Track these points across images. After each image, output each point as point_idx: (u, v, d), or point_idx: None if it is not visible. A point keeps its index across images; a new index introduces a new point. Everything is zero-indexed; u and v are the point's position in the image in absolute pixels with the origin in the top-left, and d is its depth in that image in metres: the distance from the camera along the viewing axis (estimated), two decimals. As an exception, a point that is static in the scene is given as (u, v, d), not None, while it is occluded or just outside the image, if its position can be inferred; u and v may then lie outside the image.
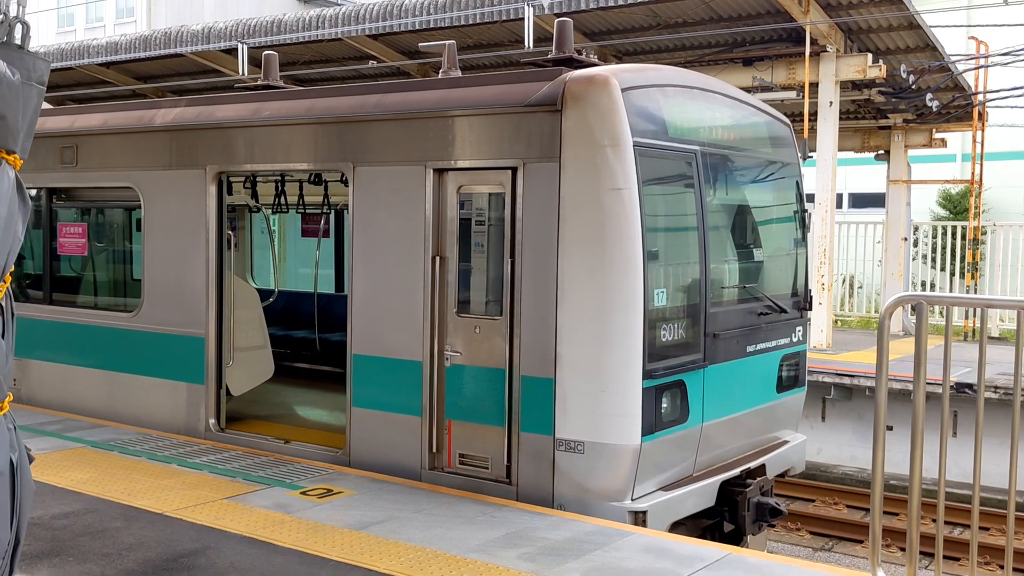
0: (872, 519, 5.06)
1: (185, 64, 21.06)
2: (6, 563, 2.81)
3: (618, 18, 16.31)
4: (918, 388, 4.93)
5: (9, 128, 2.62)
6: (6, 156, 2.65)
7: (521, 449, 7.05)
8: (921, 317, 4.83)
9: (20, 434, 2.86)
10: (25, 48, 2.71)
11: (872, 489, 5.09)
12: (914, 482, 4.96)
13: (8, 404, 2.79)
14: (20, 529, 2.85)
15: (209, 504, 6.68)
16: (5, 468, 2.72)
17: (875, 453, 5.05)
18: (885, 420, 4.99)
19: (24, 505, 2.85)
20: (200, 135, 8.72)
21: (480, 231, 7.43)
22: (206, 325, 8.68)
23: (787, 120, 9.00)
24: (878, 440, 5.02)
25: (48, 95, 22.58)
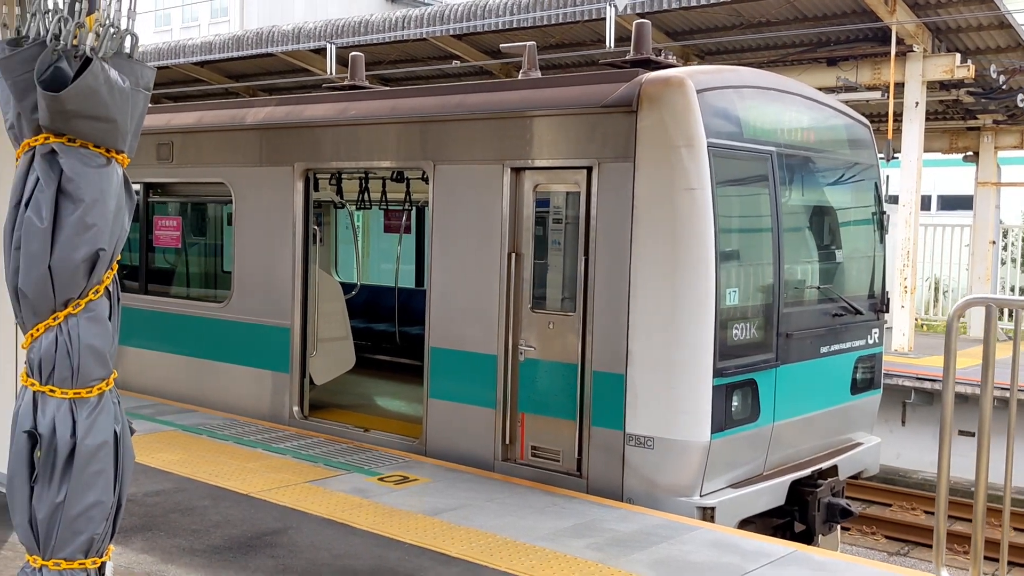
0: (937, 521, 5.09)
1: (276, 63, 21.64)
2: (109, 524, 3.09)
3: (700, 18, 16.30)
4: (985, 392, 4.95)
5: (119, 130, 2.89)
6: (116, 155, 2.91)
7: (592, 443, 7.20)
8: (989, 321, 4.85)
9: (122, 408, 3.13)
10: (134, 57, 2.97)
11: (937, 491, 5.13)
12: (979, 486, 4.98)
13: (113, 380, 3.05)
14: (122, 494, 3.12)
15: (291, 487, 6.99)
16: (110, 438, 2.99)
17: (940, 455, 5.08)
18: (952, 424, 5.02)
19: (126, 473, 3.12)
20: (289, 133, 9.06)
21: (555, 229, 7.60)
22: (291, 316, 9.02)
23: (866, 121, 8.96)
24: (944, 443, 5.05)
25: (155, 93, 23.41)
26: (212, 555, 5.55)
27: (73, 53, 2.81)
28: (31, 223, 2.82)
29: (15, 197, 2.87)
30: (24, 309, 2.94)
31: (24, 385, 3.00)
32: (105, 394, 3.00)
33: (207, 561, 5.46)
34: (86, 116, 2.81)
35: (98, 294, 2.93)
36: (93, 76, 2.77)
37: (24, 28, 2.83)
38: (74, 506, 2.93)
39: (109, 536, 3.11)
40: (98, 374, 2.99)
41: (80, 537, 2.98)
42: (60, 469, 2.92)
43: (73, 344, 2.89)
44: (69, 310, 2.91)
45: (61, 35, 2.81)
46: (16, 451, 2.98)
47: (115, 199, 2.90)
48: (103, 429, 2.98)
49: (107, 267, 2.94)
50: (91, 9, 2.85)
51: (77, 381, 2.94)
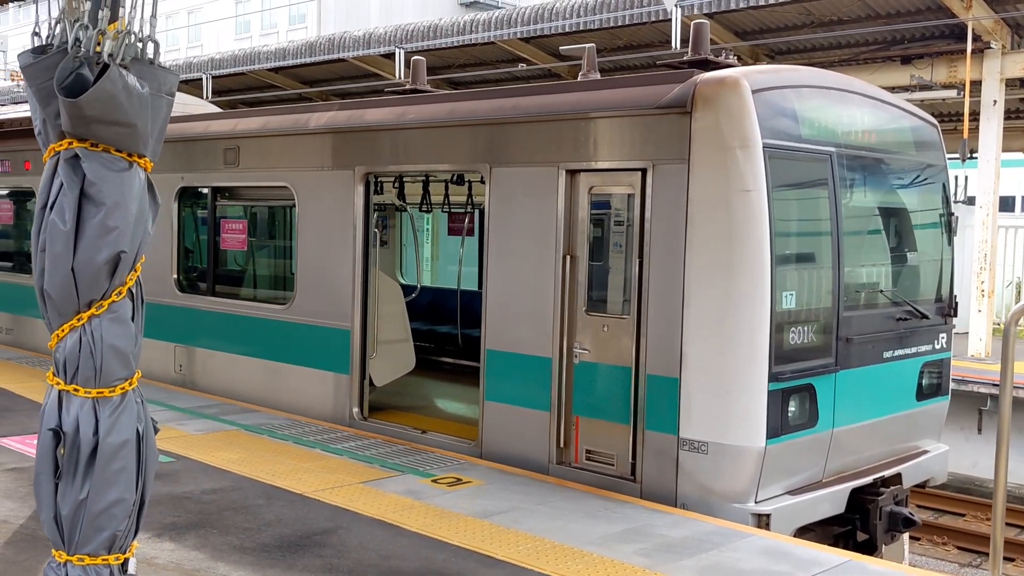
0: (993, 529, 4.94)
1: (347, 68, 21.96)
2: (132, 521, 3.16)
3: (770, 17, 16.06)
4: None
5: (139, 135, 2.96)
6: (138, 159, 2.98)
7: (646, 447, 7.14)
8: (1049, 325, 4.68)
9: (147, 407, 3.21)
10: (156, 63, 3.04)
11: (994, 499, 4.97)
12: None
13: (136, 380, 3.13)
14: (145, 492, 3.19)
15: (345, 487, 7.06)
16: (132, 436, 3.07)
17: (998, 462, 4.92)
18: (1009, 428, 4.86)
19: (149, 471, 3.19)
20: (349, 137, 9.17)
21: (610, 231, 7.56)
22: (352, 318, 9.13)
23: (934, 121, 8.73)
24: (1001, 449, 4.90)
25: (222, 99, 23.98)
26: (261, 553, 5.64)
27: (94, 60, 2.89)
28: (55, 226, 2.90)
29: (41, 201, 2.96)
30: (50, 310, 3.03)
31: (50, 384, 3.09)
32: (128, 393, 3.08)
33: (256, 559, 5.54)
34: (105, 121, 2.89)
35: (121, 295, 3.00)
36: (111, 82, 2.83)
37: (50, 36, 2.92)
38: (97, 503, 3.00)
39: (133, 533, 3.18)
40: (121, 374, 3.07)
41: (103, 533, 3.06)
42: (83, 467, 3.00)
43: (96, 344, 2.97)
44: (92, 311, 2.99)
45: (82, 42, 2.88)
46: (42, 449, 3.07)
47: (137, 202, 2.97)
48: (125, 428, 3.05)
49: (130, 269, 3.01)
50: (113, 17, 2.93)
51: (100, 380, 3.02)
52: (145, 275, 3.16)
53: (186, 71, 24.31)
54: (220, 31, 56.33)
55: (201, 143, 10.81)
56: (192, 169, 10.94)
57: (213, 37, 56.19)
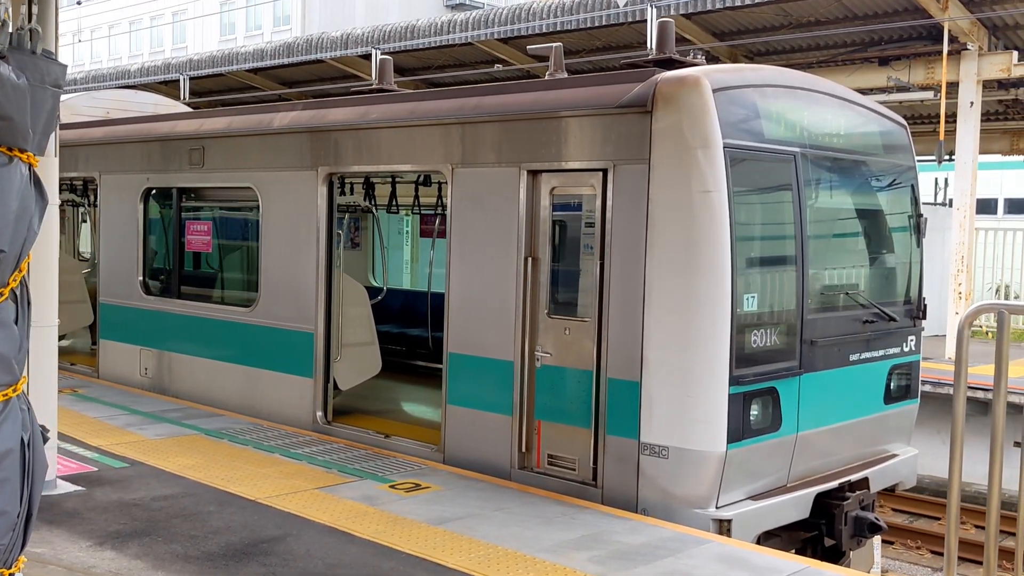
0: (948, 532, 4.84)
1: (326, 70, 21.81)
2: (18, 534, 3.02)
3: (747, 18, 15.99)
4: (998, 400, 4.68)
5: (17, 128, 2.82)
6: (19, 154, 2.85)
7: (607, 452, 7.03)
8: (1002, 327, 4.58)
9: (34, 414, 3.07)
10: (38, 53, 2.91)
11: (948, 501, 4.87)
12: (992, 496, 4.72)
13: (22, 386, 3.00)
14: (32, 503, 3.06)
15: (300, 493, 6.93)
16: (16, 445, 2.93)
17: (951, 465, 4.82)
18: (963, 428, 4.78)
19: (36, 481, 3.06)
20: (312, 138, 9.05)
21: (572, 233, 7.45)
22: (315, 321, 9.00)
23: (903, 122, 8.64)
24: (955, 452, 4.80)
25: (201, 100, 23.82)
26: (204, 562, 5.50)
27: (-31, 50, 2.76)
28: (-70, 222, 2.76)
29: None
30: (-73, 312, 2.89)
31: (-72, 391, 2.95)
32: (12, 401, 2.94)
33: (198, 568, 5.41)
34: (-23, 114, 2.75)
35: (2, 297, 2.87)
36: None
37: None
38: (-24, 516, 2.87)
39: (19, 547, 3.04)
40: (3, 380, 2.93)
41: (-18, 549, 2.92)
42: (-38, 478, 2.86)
43: (-25, 349, 2.83)
44: (-31, 314, 2.85)
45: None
46: (-81, 460, 2.93)
47: (18, 199, 2.83)
48: (8, 437, 2.91)
49: (12, 269, 2.88)
50: (-8, 5, 2.79)
51: (-21, 387, 2.88)
52: (111, 277, 3.03)
53: (163, 72, 24.14)
54: (205, 33, 56.11)
55: (167, 143, 10.67)
56: (158, 170, 10.79)
57: (198, 38, 55.96)
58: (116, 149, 11.42)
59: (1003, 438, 4.79)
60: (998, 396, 4.82)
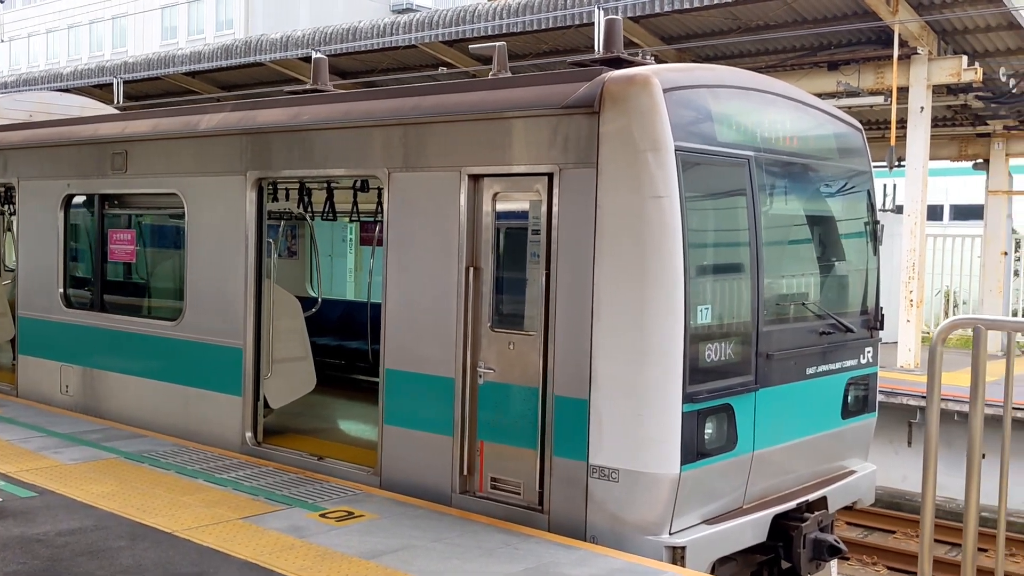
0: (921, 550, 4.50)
1: (266, 73, 21.22)
2: None
3: (696, 21, 15.74)
4: (975, 414, 4.34)
5: None
6: None
7: (553, 475, 6.59)
8: (978, 342, 4.24)
9: None
10: None
11: (921, 517, 4.53)
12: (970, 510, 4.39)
13: None
14: None
15: (223, 524, 6.40)
16: None
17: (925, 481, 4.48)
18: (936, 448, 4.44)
19: None
20: (241, 140, 8.52)
21: (516, 241, 7.01)
22: (244, 335, 8.46)
23: (859, 126, 8.33)
24: (928, 468, 4.46)
25: (136, 104, 23.05)
26: (106, 608, 4.97)
27: None
28: None
29: None
30: None
31: None
32: None
33: (99, 616, 4.88)
34: None
35: None
36: None
37: None
38: None
39: None
40: None
41: None
42: None
43: None
44: None
45: None
46: None
47: None
48: None
49: None
50: None
51: None
52: (30, 289, 2.52)
53: (97, 75, 23.34)
54: (146, 36, 54.94)
55: (88, 147, 10.06)
56: (79, 175, 10.17)
57: (139, 42, 54.74)
58: (35, 153, 10.77)
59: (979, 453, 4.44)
60: (975, 412, 4.48)
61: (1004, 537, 4.68)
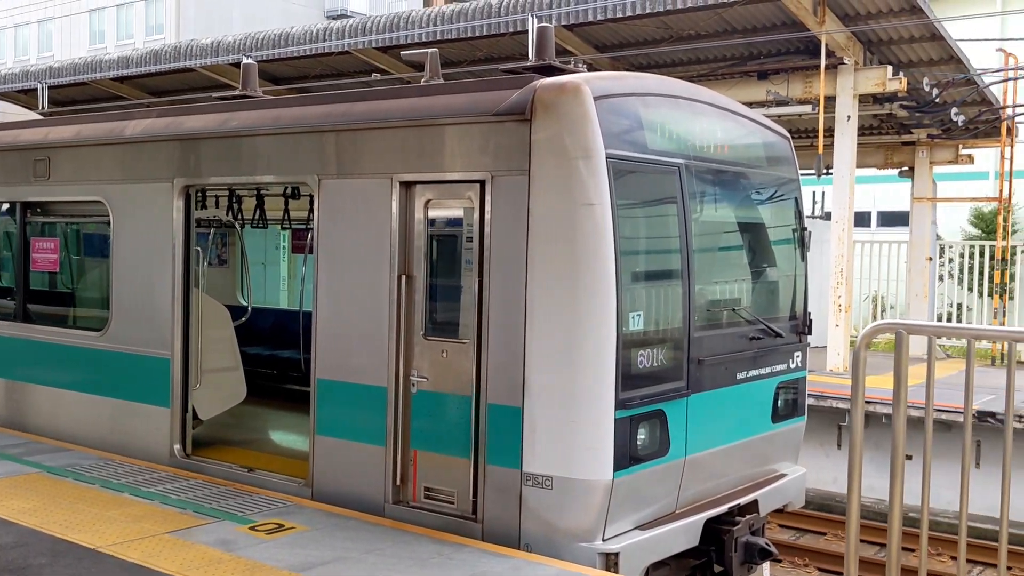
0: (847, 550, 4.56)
1: (197, 78, 20.90)
2: None
3: (629, 31, 15.87)
4: (897, 415, 4.42)
5: None
6: None
7: (487, 483, 6.56)
8: (900, 346, 4.32)
9: None
10: None
11: (847, 518, 4.60)
12: (894, 512, 4.46)
13: None
14: None
15: (148, 539, 6.25)
16: None
17: (850, 483, 4.54)
18: (862, 450, 4.51)
19: None
20: (167, 147, 8.36)
21: (449, 248, 6.98)
22: (171, 345, 8.29)
23: (786, 134, 8.46)
24: (853, 469, 4.53)
25: (63, 110, 22.53)
26: (25, 629, 4.82)
27: None
28: None
29: None
30: None
31: None
32: None
33: (17, 637, 4.73)
34: None
35: None
36: None
37: None
38: None
39: None
40: None
41: None
42: None
43: None
44: None
45: None
46: None
47: None
48: None
49: None
50: None
51: None
52: None
53: (21, 80, 22.77)
54: (73, 41, 53.76)
55: (9, 154, 9.79)
56: (0, 183, 9.90)
57: (66, 47, 53.53)
58: (-47, 160, 10.45)
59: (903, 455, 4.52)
60: (897, 414, 4.56)
61: (927, 536, 4.76)
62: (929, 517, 4.86)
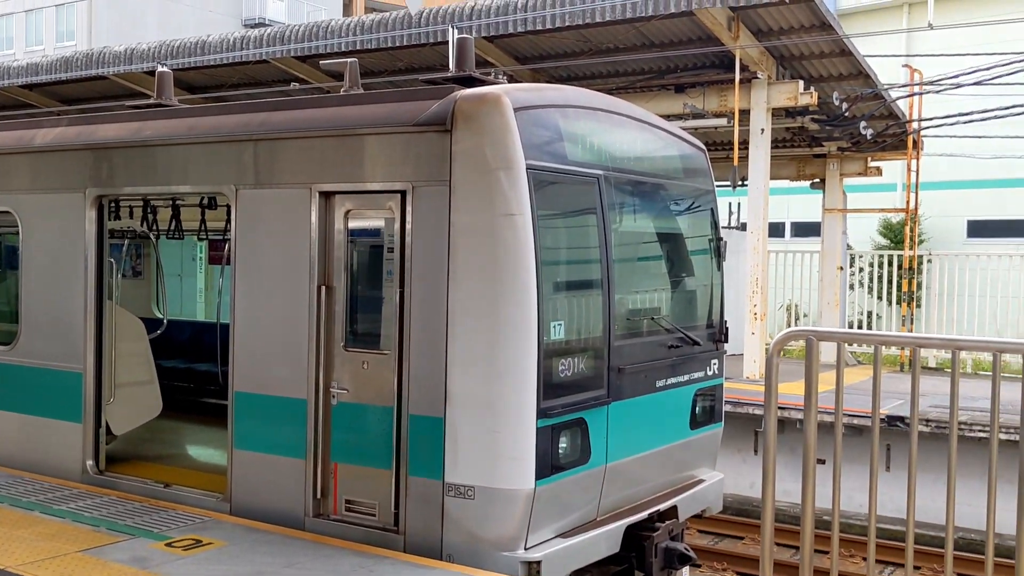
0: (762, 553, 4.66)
1: (110, 86, 20.43)
2: None
3: (549, 43, 16.01)
4: (808, 421, 4.54)
5: None
6: None
7: (409, 494, 6.54)
8: (811, 353, 4.45)
9: None
10: None
11: (762, 522, 4.70)
12: (806, 515, 4.58)
13: None
14: None
15: (60, 558, 6.08)
16: None
17: (764, 489, 4.66)
18: (775, 455, 4.62)
19: None
20: (79, 156, 8.17)
21: (370, 259, 6.96)
22: (84, 359, 8.09)
23: (702, 146, 8.64)
24: (767, 473, 4.64)
25: (-33, 117, 21.81)
26: (-72, 654, 4.65)
27: None
28: None
29: None
30: None
31: None
32: None
33: (-80, 663, 4.56)
34: None
35: None
36: None
37: None
38: None
39: None
40: None
41: None
42: None
43: None
44: None
45: None
46: None
47: None
48: None
49: None
50: None
51: None
52: None
53: (-77, 86, 21.99)
54: (-20, 46, 52.14)
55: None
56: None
57: (-29, 53, 51.87)
58: None
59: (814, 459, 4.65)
60: (809, 420, 4.68)
61: (838, 538, 4.90)
62: (842, 520, 4.99)
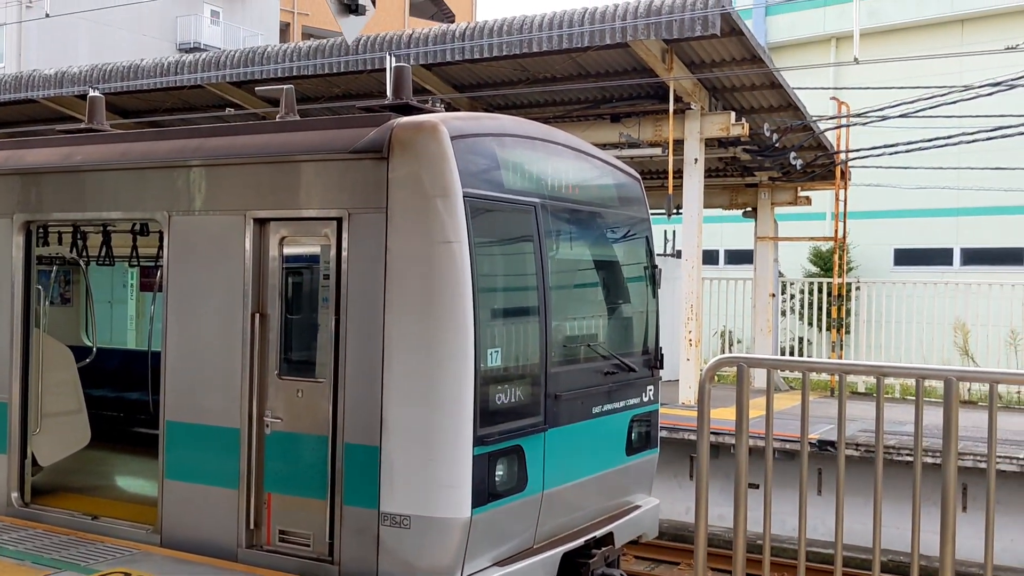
0: None
1: (40, 110, 20.05)
2: None
3: (486, 71, 16.11)
4: (740, 445, 4.61)
5: None
6: None
7: (344, 524, 6.48)
8: (741, 379, 4.52)
9: None
10: None
11: (695, 547, 4.75)
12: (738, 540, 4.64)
13: None
14: None
15: (-19, 594, 5.91)
16: None
17: (697, 513, 4.72)
18: (708, 479, 4.68)
19: None
20: (7, 181, 8.00)
21: (305, 286, 6.91)
22: (9, 388, 7.89)
23: (637, 175, 8.76)
24: (700, 500, 4.70)
25: None
26: None
27: None
28: None
29: None
30: None
31: None
32: None
33: None
34: None
35: None
36: None
37: None
38: None
39: None
40: None
41: None
42: None
43: None
44: None
45: None
46: None
47: None
48: None
49: None
50: None
51: None
52: None
53: None
54: (-98, 67, 50.75)
55: None
56: None
57: None
58: None
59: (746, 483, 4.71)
60: (740, 444, 4.75)
61: (769, 562, 4.96)
62: (775, 543, 5.07)
